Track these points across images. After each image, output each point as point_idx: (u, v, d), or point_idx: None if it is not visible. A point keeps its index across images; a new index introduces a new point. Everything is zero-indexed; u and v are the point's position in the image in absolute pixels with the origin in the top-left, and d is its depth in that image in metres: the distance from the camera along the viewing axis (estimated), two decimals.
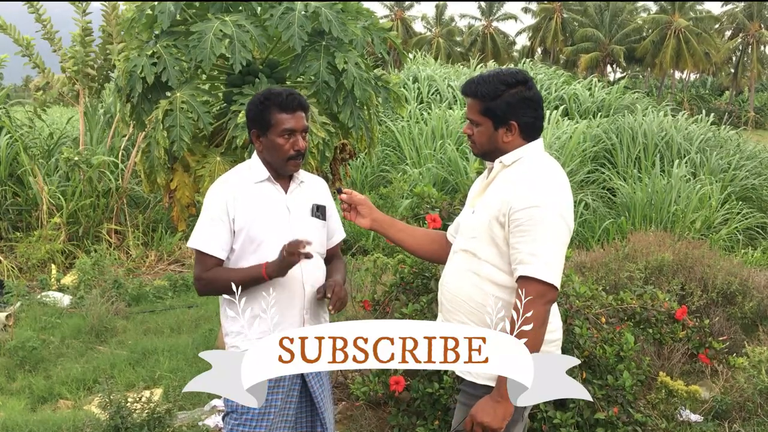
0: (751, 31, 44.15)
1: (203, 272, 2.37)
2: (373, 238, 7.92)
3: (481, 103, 2.17)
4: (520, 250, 2.06)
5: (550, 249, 2.05)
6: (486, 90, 2.15)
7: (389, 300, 3.81)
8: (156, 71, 4.14)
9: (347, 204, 2.47)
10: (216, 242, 2.36)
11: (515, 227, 2.07)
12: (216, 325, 5.61)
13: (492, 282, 2.15)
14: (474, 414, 2.06)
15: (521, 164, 2.17)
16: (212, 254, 2.36)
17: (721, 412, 3.95)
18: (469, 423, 2.08)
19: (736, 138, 12.12)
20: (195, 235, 2.39)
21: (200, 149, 4.42)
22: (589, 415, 3.26)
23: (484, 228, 2.15)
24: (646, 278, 5.01)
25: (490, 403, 2.04)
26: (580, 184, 9.76)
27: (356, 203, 2.46)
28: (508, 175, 2.17)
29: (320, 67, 4.17)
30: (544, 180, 2.11)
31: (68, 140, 9.64)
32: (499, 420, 2.03)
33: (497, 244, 2.13)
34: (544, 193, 2.07)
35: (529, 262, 2.04)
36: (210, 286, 2.37)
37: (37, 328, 5.65)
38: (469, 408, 2.18)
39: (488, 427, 2.03)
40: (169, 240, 8.25)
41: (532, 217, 2.04)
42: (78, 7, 8.20)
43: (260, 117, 2.38)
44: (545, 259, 2.04)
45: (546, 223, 2.05)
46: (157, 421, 3.77)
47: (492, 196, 2.17)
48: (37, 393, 4.50)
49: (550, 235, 2.05)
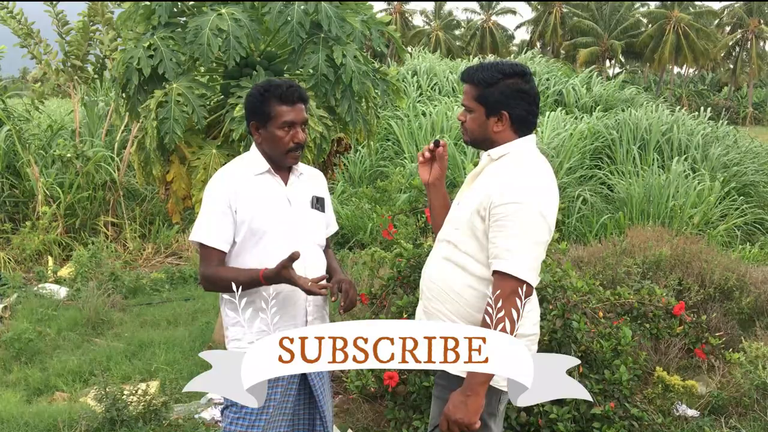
0: (750, 27, 44.12)
1: (207, 269, 2.35)
2: (371, 232, 7.92)
3: (476, 89, 2.17)
4: (497, 244, 2.06)
5: (526, 246, 2.04)
6: (482, 76, 2.15)
7: (386, 294, 3.80)
8: (153, 63, 4.12)
9: (432, 155, 2.41)
10: (219, 235, 2.34)
11: (494, 222, 2.07)
12: (213, 317, 5.61)
13: (471, 274, 2.15)
14: (447, 413, 2.06)
15: (508, 159, 2.16)
16: (216, 247, 2.34)
17: (717, 407, 3.95)
18: (444, 424, 2.08)
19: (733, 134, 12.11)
20: (197, 229, 2.37)
21: (197, 141, 4.40)
22: (585, 410, 3.27)
23: (466, 220, 2.15)
24: (643, 273, 5.01)
25: (461, 398, 2.03)
26: (579, 180, 9.75)
27: (440, 161, 2.41)
28: (494, 169, 2.17)
29: (319, 61, 4.15)
30: (528, 177, 2.10)
31: (66, 132, 9.61)
32: (471, 414, 2.02)
33: (477, 237, 2.13)
34: (527, 190, 2.06)
35: (504, 257, 2.03)
36: (213, 284, 2.35)
37: (33, 320, 5.64)
38: (441, 401, 2.19)
39: (462, 423, 2.03)
40: (167, 233, 8.24)
41: (511, 212, 2.04)
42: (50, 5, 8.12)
43: (260, 109, 2.36)
44: (521, 256, 2.03)
45: (525, 219, 2.04)
46: (153, 414, 3.77)
47: (477, 189, 2.18)
48: (33, 385, 4.49)
49: (527, 232, 2.04)
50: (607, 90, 15.50)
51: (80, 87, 8.89)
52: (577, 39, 47.15)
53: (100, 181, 8.31)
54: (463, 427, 2.04)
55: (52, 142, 9.19)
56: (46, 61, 8.13)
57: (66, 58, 8.17)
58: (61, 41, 8.08)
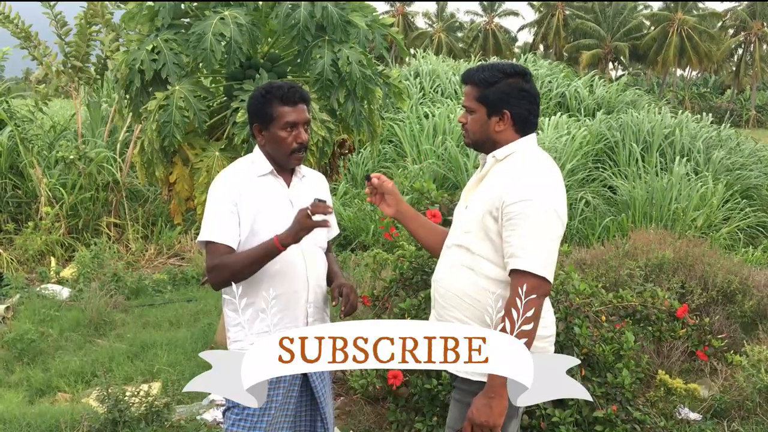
0: (753, 30, 44.06)
1: (213, 260, 2.30)
2: (373, 233, 7.91)
3: (477, 89, 2.17)
4: (512, 243, 2.05)
5: (542, 243, 2.05)
6: (483, 76, 2.16)
7: (389, 296, 3.80)
8: (156, 67, 4.13)
9: (374, 189, 2.44)
10: (227, 233, 2.32)
11: (507, 221, 2.06)
12: (215, 319, 5.61)
13: (487, 277, 2.14)
14: (471, 416, 2.06)
15: (514, 158, 2.17)
16: (224, 243, 2.31)
17: (719, 410, 3.94)
18: (468, 427, 2.08)
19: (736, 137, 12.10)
20: (205, 229, 2.35)
21: (200, 143, 4.41)
22: (588, 413, 3.26)
23: (478, 222, 2.14)
24: (646, 276, 5.00)
25: (484, 401, 2.04)
26: (581, 182, 9.74)
27: (385, 191, 2.44)
28: (500, 170, 2.17)
29: (324, 66, 4.14)
30: (537, 174, 2.11)
31: (69, 133, 9.63)
32: (496, 416, 2.03)
33: (491, 239, 2.12)
34: (537, 187, 2.07)
35: (520, 255, 2.03)
36: (227, 270, 2.27)
37: (35, 321, 5.64)
38: (462, 404, 2.18)
39: (486, 425, 2.03)
40: (169, 234, 8.24)
41: (524, 210, 2.04)
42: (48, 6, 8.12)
43: (262, 110, 2.37)
44: (537, 253, 2.03)
45: (538, 216, 2.04)
46: (155, 415, 3.77)
47: (485, 190, 2.17)
48: (35, 386, 4.49)
49: (542, 228, 2.05)
50: (609, 92, 15.48)
51: (83, 88, 8.90)
52: (580, 41, 47.12)
53: (102, 182, 8.33)
54: (487, 431, 2.04)
55: (55, 143, 9.21)
56: (47, 62, 8.14)
57: (66, 60, 8.18)
58: (60, 42, 8.08)
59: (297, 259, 2.38)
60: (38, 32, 8.12)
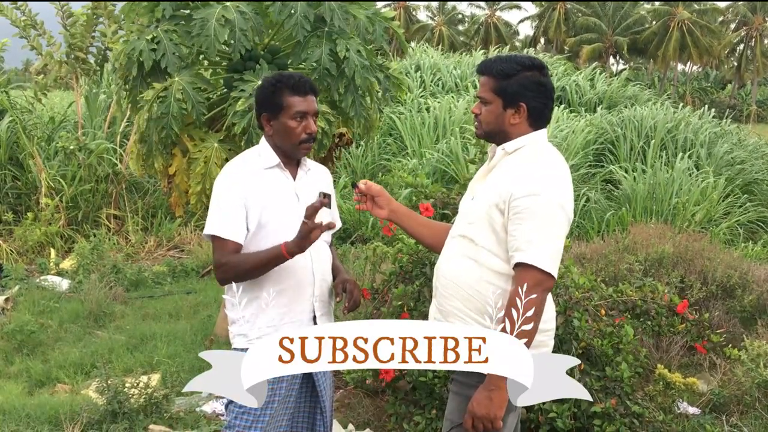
0: (754, 25, 43.95)
1: (222, 257, 2.31)
2: (373, 226, 7.91)
3: (494, 80, 2.16)
4: (518, 237, 2.05)
5: (548, 238, 2.05)
6: (502, 68, 2.15)
7: (388, 289, 3.80)
8: (156, 57, 4.11)
9: (363, 195, 2.44)
10: (234, 227, 2.32)
11: (514, 214, 2.06)
12: (214, 311, 5.61)
13: (489, 268, 2.14)
14: (471, 410, 2.06)
15: (524, 152, 2.17)
16: (232, 239, 2.32)
17: (718, 405, 3.95)
18: (469, 420, 2.08)
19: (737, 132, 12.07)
20: (212, 223, 2.35)
21: (199, 134, 4.39)
22: (586, 407, 3.26)
23: (483, 214, 2.14)
24: (645, 270, 5.00)
25: (484, 393, 2.04)
26: (583, 177, 9.73)
27: (374, 194, 2.44)
28: (510, 163, 2.17)
29: (322, 55, 4.14)
30: (546, 169, 2.11)
31: (69, 125, 9.62)
32: (496, 408, 2.03)
33: (496, 231, 2.12)
34: (545, 182, 2.07)
35: (526, 249, 2.03)
36: (233, 270, 2.29)
37: (35, 312, 5.64)
38: (461, 396, 2.18)
39: (487, 418, 2.03)
40: (169, 226, 8.24)
41: (531, 205, 2.04)
42: None
43: (271, 100, 2.36)
44: (543, 247, 2.03)
45: (545, 211, 2.05)
46: (154, 407, 3.77)
47: (493, 182, 2.17)
48: (34, 377, 4.49)
49: (548, 223, 2.05)
50: (611, 87, 15.45)
51: (83, 79, 8.87)
52: (582, 35, 46.98)
53: (102, 173, 8.31)
54: (488, 423, 2.05)
55: (54, 134, 9.19)
56: (49, 52, 8.12)
57: (70, 50, 8.16)
58: (65, 33, 8.07)
59: (303, 254, 2.37)
60: (44, 21, 8.11)
